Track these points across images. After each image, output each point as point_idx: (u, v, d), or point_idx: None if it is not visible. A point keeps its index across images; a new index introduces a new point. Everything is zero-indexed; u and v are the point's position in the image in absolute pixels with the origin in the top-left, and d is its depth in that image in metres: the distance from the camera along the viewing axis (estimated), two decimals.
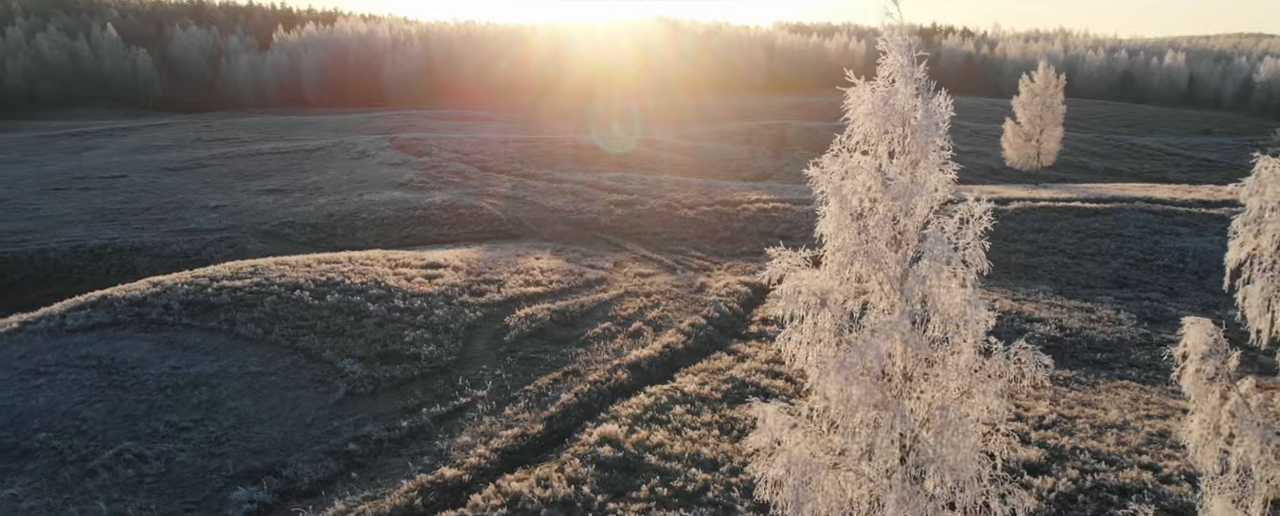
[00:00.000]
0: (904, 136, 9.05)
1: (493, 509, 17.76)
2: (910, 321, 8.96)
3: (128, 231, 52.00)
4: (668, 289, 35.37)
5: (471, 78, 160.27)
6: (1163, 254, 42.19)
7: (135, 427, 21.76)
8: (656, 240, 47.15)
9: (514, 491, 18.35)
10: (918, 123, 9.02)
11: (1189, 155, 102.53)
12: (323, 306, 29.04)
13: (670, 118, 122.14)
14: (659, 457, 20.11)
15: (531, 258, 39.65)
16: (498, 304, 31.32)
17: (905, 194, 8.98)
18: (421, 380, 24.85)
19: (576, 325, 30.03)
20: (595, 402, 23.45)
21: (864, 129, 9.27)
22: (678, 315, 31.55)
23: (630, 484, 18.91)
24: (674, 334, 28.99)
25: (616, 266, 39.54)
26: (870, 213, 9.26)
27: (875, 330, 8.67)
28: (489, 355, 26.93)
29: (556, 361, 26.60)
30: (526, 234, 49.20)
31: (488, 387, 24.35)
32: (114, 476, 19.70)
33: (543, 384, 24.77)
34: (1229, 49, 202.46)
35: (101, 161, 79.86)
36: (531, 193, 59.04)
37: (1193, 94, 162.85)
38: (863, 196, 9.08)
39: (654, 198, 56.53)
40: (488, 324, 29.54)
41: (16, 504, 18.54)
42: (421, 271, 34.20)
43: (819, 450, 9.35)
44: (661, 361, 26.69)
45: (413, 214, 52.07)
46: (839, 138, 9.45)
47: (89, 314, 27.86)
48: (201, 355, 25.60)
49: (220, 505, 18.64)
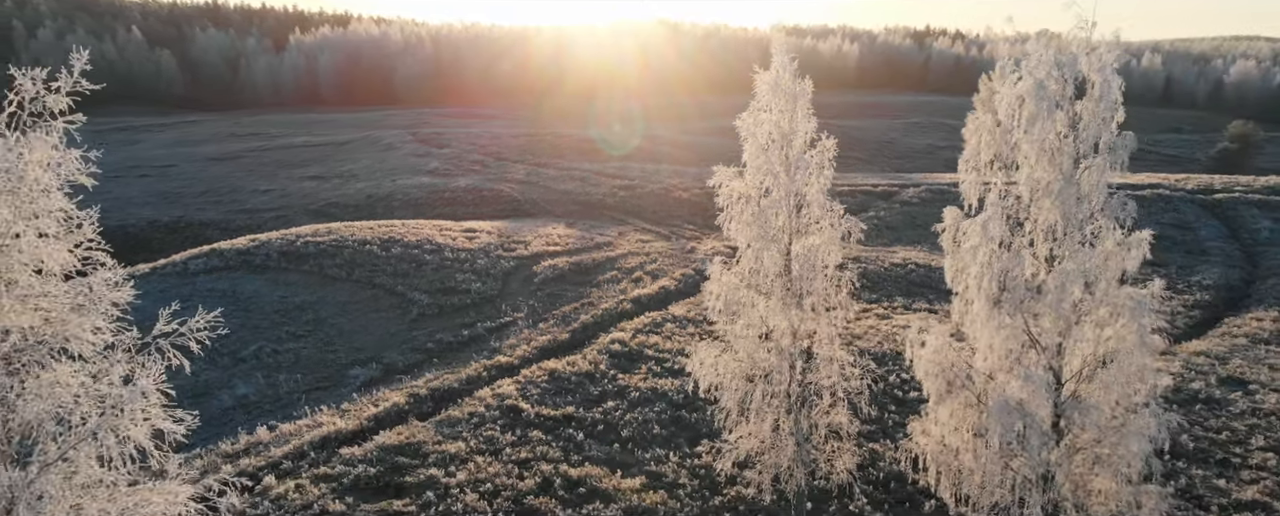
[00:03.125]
0: (785, 101, 16.37)
1: (538, 378, 25.15)
2: (793, 202, 16.30)
3: (192, 210, 59.51)
4: (663, 250, 42.79)
5: (478, 78, 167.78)
6: None
7: (264, 335, 29.21)
8: (655, 217, 54.55)
9: (551, 368, 25.76)
10: (794, 93, 16.34)
11: (1153, 150, 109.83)
12: (389, 256, 36.47)
13: (671, 115, 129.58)
14: (654, 351, 27.53)
15: (549, 227, 47.08)
16: (525, 257, 38.77)
17: (789, 134, 16.31)
18: (473, 307, 32.31)
19: (590, 273, 37.45)
20: (607, 322, 30.87)
21: (765, 98, 16.56)
22: (671, 268, 38.93)
23: (633, 365, 26.32)
24: (668, 280, 36.39)
25: (620, 235, 46.95)
26: (772, 146, 16.56)
27: (769, 205, 16.02)
28: (523, 291, 34.39)
29: (576, 296, 34.04)
30: (541, 212, 56.61)
31: (524, 312, 31.80)
32: (259, 362, 27.16)
33: (566, 310, 32.21)
34: (1209, 51, 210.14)
35: (149, 153, 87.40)
36: (543, 178, 66.49)
37: (1170, 94, 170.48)
38: (766, 135, 16.39)
39: (653, 183, 63.96)
40: (519, 271, 36.99)
41: (196, 376, 25.96)
42: (462, 234, 41.65)
43: (737, 279, 16.70)
44: (658, 298, 34.10)
45: (442, 195, 59.51)
46: (753, 101, 16.76)
47: (206, 260, 35.32)
48: (301, 289, 33.05)
49: (342, 378, 26.09)
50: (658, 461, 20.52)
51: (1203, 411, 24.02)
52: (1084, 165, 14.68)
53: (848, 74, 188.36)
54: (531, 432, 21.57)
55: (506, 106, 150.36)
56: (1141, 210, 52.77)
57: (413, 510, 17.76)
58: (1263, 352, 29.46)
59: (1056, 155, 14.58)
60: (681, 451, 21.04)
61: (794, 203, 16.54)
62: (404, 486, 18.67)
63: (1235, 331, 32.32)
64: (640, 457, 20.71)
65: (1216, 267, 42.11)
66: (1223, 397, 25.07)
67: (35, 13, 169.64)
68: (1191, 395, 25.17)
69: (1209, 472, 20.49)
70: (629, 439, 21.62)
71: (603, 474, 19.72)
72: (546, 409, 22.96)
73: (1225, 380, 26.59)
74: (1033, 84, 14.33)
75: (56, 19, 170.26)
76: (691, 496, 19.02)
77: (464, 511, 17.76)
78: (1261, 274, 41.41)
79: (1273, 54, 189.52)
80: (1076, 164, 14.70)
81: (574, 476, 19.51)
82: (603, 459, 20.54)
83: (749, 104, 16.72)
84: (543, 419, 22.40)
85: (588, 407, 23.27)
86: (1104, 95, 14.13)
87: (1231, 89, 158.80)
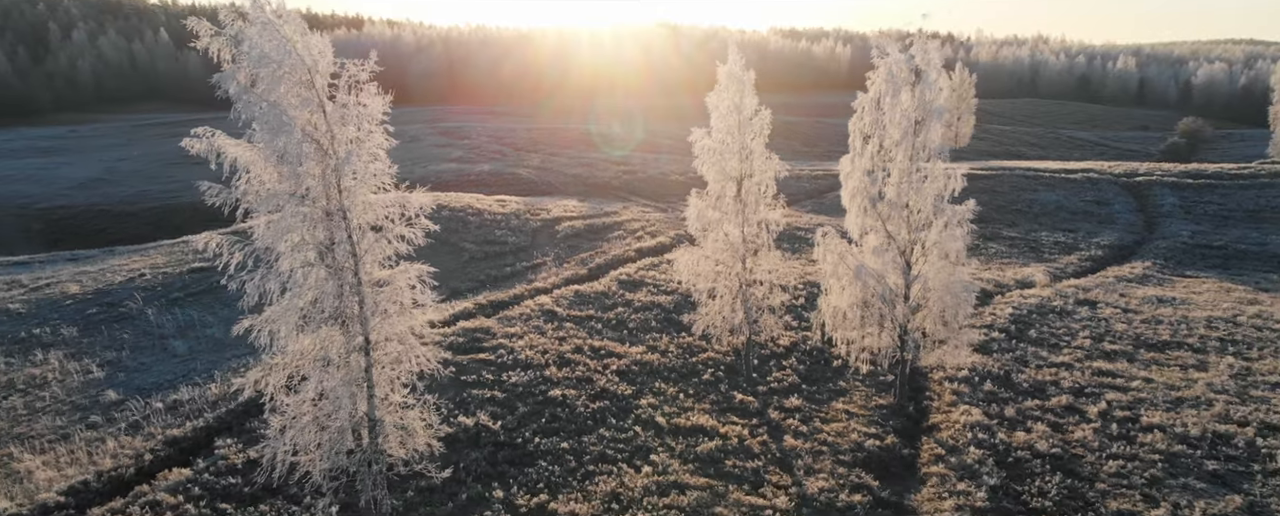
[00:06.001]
0: (737, 85, 25.05)
1: (566, 295, 33.88)
2: (742, 152, 25.06)
3: None
4: (660, 218, 51.59)
5: (485, 78, 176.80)
6: (1020, 202, 58.37)
7: None
8: (653, 195, 63.36)
9: (575, 289, 34.54)
10: (742, 79, 25.04)
11: (1116, 146, 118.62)
12: (439, 217, 45.20)
13: (673, 116, 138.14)
14: (652, 281, 36.29)
15: (564, 202, 55.90)
16: (548, 220, 47.59)
17: (740, 106, 25.04)
18: (511, 253, 41.13)
19: (601, 233, 46.26)
20: (616, 263, 39.66)
21: (724, 82, 25.22)
22: (666, 230, 47.69)
23: (637, 289, 35.09)
24: (663, 237, 45.18)
25: (624, 207, 55.75)
26: (729, 114, 25.26)
27: (725, 152, 24.83)
28: (549, 243, 43.21)
29: (590, 247, 42.84)
30: (555, 191, 65.41)
31: (551, 256, 40.62)
32: None
33: (584, 256, 41.02)
34: (1187, 54, 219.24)
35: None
36: (556, 165, 75.34)
37: (1143, 95, 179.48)
38: (725, 107, 25.09)
39: (652, 170, 72.84)
40: (544, 229, 45.82)
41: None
42: (494, 203, 50.48)
43: (705, 203, 25.48)
44: (656, 249, 42.87)
45: (468, 178, 68.28)
46: (717, 84, 25.44)
47: None
48: None
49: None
50: (654, 340, 29.31)
51: (1053, 318, 32.85)
52: (922, 125, 23.48)
53: (840, 75, 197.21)
54: (565, 325, 30.36)
55: (513, 105, 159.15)
56: (1069, 188, 66.46)
57: (493, 359, 26.56)
58: (1121, 287, 38.28)
59: (903, 118, 23.34)
60: (670, 335, 29.82)
61: (743, 152, 25.32)
62: (483, 348, 27.46)
63: (1110, 275, 41.16)
64: (642, 338, 29.50)
65: (1118, 232, 50.96)
66: (1073, 310, 33.91)
67: (67, 15, 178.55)
68: (1051, 309, 33.99)
69: (1041, 349, 29.29)
70: (634, 329, 30.41)
71: (616, 346, 28.51)
72: (574, 311, 31.77)
73: (1082, 302, 35.41)
74: (885, 71, 23.12)
75: (87, 21, 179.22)
76: (676, 357, 27.81)
77: (525, 360, 26.57)
78: (1154, 238, 50.24)
79: (1245, 57, 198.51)
80: (917, 125, 23.51)
81: (596, 345, 28.32)
82: (616, 338, 29.34)
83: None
84: (572, 317, 31.20)
85: (603, 311, 32.06)
86: (926, 79, 22.93)
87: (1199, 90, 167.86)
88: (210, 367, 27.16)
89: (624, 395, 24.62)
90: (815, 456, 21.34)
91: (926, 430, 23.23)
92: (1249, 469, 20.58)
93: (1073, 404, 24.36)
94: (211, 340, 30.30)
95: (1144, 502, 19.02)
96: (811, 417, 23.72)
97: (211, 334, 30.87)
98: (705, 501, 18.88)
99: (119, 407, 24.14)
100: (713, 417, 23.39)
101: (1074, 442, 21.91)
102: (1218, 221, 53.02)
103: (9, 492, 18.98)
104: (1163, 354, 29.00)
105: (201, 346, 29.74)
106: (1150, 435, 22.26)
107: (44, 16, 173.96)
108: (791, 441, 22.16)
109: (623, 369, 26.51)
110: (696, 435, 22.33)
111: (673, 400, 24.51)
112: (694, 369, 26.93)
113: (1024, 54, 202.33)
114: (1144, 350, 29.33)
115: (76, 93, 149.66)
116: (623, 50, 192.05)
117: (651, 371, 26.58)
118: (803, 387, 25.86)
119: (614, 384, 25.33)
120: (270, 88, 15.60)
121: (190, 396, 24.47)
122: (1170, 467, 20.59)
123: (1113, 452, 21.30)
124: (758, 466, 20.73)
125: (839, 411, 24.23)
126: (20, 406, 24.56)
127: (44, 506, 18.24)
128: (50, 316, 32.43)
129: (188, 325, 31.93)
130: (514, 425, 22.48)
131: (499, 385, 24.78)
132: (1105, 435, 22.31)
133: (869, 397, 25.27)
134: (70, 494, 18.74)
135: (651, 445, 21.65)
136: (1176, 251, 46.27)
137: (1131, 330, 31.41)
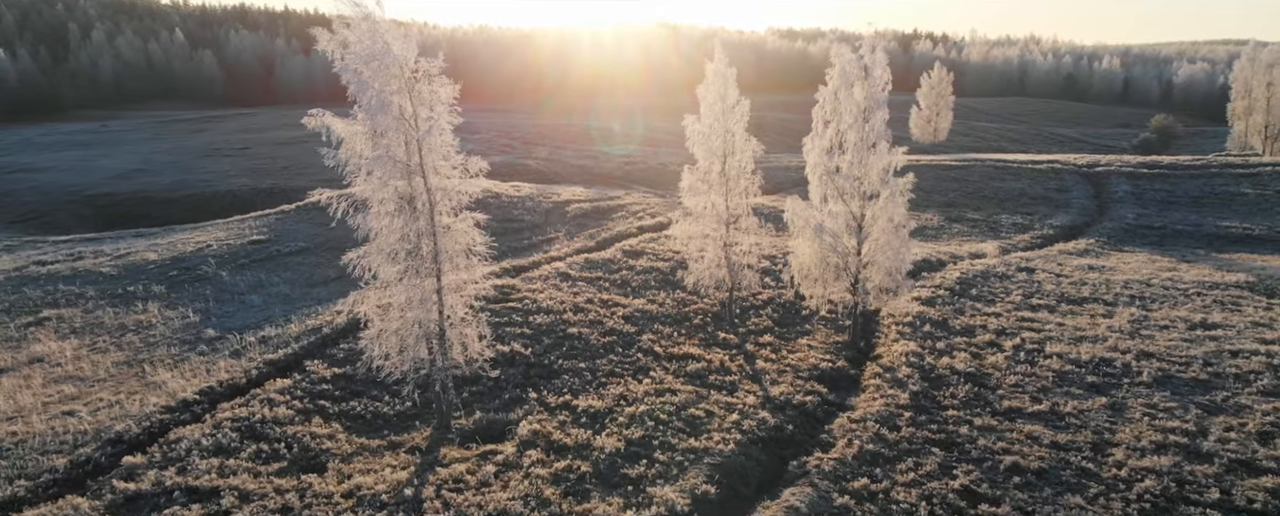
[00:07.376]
0: (721, 79, 30.57)
1: (577, 262, 39.48)
2: (726, 134, 30.58)
3: (282, 179, 73.82)
4: (660, 203, 57.17)
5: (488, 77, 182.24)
6: (987, 189, 63.96)
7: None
8: (654, 184, 68.98)
9: (585, 258, 40.14)
10: (726, 74, 30.56)
11: (1093, 141, 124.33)
12: None
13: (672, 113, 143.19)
14: (652, 251, 41.88)
15: (572, 188, 61.51)
16: (559, 202, 53.20)
17: (724, 97, 30.57)
18: (527, 229, 46.73)
19: (607, 213, 51.85)
20: (621, 237, 45.26)
21: (711, 77, 30.73)
22: (666, 212, 53.23)
23: (639, 257, 40.67)
24: (663, 218, 50.74)
25: (627, 194, 61.35)
26: (715, 103, 30.79)
27: (712, 134, 30.35)
28: (560, 221, 48.82)
29: (597, 225, 48.44)
30: (563, 180, 71.02)
31: (562, 232, 46.23)
32: None
33: (591, 232, 46.63)
34: (1173, 54, 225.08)
35: (221, 139, 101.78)
36: (562, 157, 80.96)
37: (1127, 94, 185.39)
38: (712, 97, 30.62)
39: (652, 162, 78.46)
40: (556, 210, 51.41)
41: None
42: (509, 188, 56.10)
43: (695, 177, 31.01)
44: (656, 227, 48.45)
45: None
46: (705, 78, 30.96)
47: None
48: None
49: None
50: (652, 295, 34.91)
51: (994, 281, 38.46)
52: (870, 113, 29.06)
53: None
54: (577, 283, 35.95)
55: (516, 103, 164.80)
56: (1033, 177, 73.92)
57: (520, 306, 32.17)
58: (1062, 258, 43.89)
59: (854, 107, 28.90)
60: (667, 292, 35.42)
61: (726, 135, 30.90)
62: (511, 298, 33.06)
63: (1055, 249, 46.78)
64: (643, 293, 35.10)
65: (1071, 215, 56.57)
66: (1011, 275, 39.52)
67: (85, 15, 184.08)
68: (994, 273, 39.59)
69: (978, 303, 34.88)
70: (636, 287, 36.01)
71: (621, 298, 34.10)
72: (585, 273, 37.36)
73: (1022, 268, 41.02)
74: (839, 68, 28.69)
75: (104, 21, 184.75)
76: (672, 307, 33.41)
77: (546, 307, 32.16)
78: (1103, 220, 55.83)
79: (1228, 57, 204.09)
80: (865, 112, 29.09)
81: (605, 298, 33.93)
82: (620, 293, 34.93)
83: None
84: (583, 278, 36.79)
85: (610, 274, 37.66)
86: (872, 76, 28.51)
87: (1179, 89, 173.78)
88: (286, 314, 32.75)
89: (629, 333, 30.23)
90: (780, 374, 26.95)
91: (871, 358, 28.84)
92: (1120, 382, 26.18)
93: (993, 341, 29.98)
94: (280, 295, 35.89)
95: (1031, 402, 24.62)
96: (780, 349, 29.33)
97: (279, 291, 36.47)
98: (691, 400, 24.47)
99: (219, 341, 29.74)
100: (700, 348, 29.00)
101: (987, 366, 27.53)
102: (1162, 206, 58.63)
103: (156, 394, 24.58)
104: (1079, 307, 34.62)
105: (273, 300, 35.33)
106: (1049, 360, 27.88)
107: (63, 17, 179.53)
108: (762, 364, 27.78)
109: (627, 315, 32.12)
110: (687, 360, 27.93)
111: (668, 337, 30.12)
112: (686, 316, 32.52)
113: (1013, 54, 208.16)
114: (1065, 304, 34.94)
115: (98, 91, 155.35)
116: (623, 50, 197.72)
117: (651, 317, 32.18)
118: (775, 329, 31.47)
119: (620, 325, 30.94)
120: (374, 76, 21.11)
121: (276, 333, 30.07)
122: (1058, 381, 26.20)
123: (1016, 371, 26.91)
124: (734, 380, 26.34)
125: (803, 346, 29.84)
126: (138, 341, 30.17)
127: (185, 401, 23.85)
128: (138, 277, 38.04)
129: (257, 284, 37.53)
130: (541, 352, 28.11)
131: (526, 324, 30.41)
132: (1014, 360, 27.93)
133: (829, 337, 30.88)
134: (203, 393, 24.36)
135: (651, 366, 27.26)
136: (1119, 231, 51.87)
137: (1058, 289, 37.01)
